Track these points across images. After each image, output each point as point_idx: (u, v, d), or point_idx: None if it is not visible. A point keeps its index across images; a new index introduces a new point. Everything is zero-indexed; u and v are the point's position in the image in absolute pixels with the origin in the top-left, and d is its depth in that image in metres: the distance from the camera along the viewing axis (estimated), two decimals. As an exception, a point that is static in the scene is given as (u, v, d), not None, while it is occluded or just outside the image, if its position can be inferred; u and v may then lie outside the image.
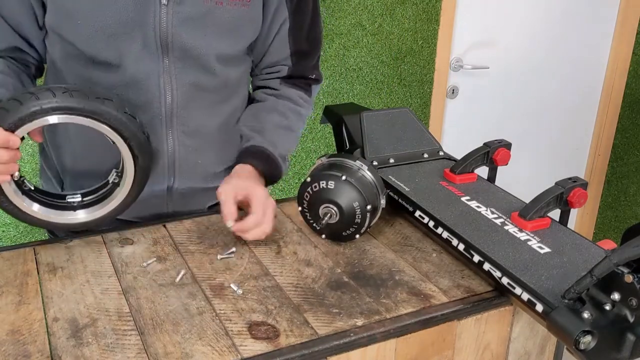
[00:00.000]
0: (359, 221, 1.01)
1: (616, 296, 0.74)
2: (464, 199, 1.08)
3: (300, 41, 1.20)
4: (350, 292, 0.91)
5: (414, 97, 2.36)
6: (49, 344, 0.78)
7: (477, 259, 0.93)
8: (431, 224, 1.03)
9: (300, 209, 1.06)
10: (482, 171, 1.17)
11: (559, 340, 0.92)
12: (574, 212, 2.94)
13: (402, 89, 2.32)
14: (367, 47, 2.20)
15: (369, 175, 1.03)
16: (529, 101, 2.64)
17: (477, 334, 0.92)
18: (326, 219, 1.02)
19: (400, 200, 1.10)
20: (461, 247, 0.96)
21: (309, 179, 1.03)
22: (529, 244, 0.95)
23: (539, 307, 0.82)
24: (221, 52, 1.10)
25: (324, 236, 1.05)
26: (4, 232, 1.88)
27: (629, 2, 2.61)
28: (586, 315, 0.76)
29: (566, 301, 0.79)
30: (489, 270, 0.91)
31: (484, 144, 1.15)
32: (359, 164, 1.04)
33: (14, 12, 1.04)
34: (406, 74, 2.31)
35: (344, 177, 1.00)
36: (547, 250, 0.93)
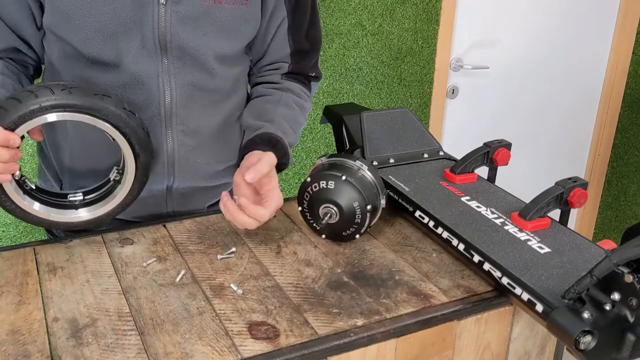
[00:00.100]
0: (359, 221, 1.01)
1: (616, 296, 0.74)
2: (464, 199, 1.08)
3: (299, 40, 1.20)
4: (350, 292, 0.91)
5: (414, 97, 2.36)
6: (49, 344, 0.78)
7: (477, 259, 0.93)
8: (431, 224, 1.03)
9: (300, 209, 1.06)
10: (482, 171, 1.17)
11: (559, 340, 0.92)
12: (574, 212, 2.95)
13: (402, 89, 2.32)
14: (367, 47, 2.20)
15: (369, 175, 1.03)
16: (528, 101, 2.64)
17: (477, 334, 0.92)
18: (326, 219, 1.01)
19: (400, 200, 1.10)
20: (461, 247, 0.96)
21: (309, 179, 1.03)
22: (529, 244, 0.95)
23: (539, 307, 0.82)
24: (220, 51, 1.10)
25: (324, 236, 1.05)
26: (4, 232, 1.87)
27: (629, 2, 2.61)
28: (586, 315, 0.76)
29: (566, 301, 0.79)
30: (489, 270, 0.91)
31: (484, 144, 1.15)
32: (359, 164, 1.04)
33: (11, 12, 1.03)
34: (406, 74, 2.31)
35: (344, 177, 1.00)
36: (547, 250, 0.93)
